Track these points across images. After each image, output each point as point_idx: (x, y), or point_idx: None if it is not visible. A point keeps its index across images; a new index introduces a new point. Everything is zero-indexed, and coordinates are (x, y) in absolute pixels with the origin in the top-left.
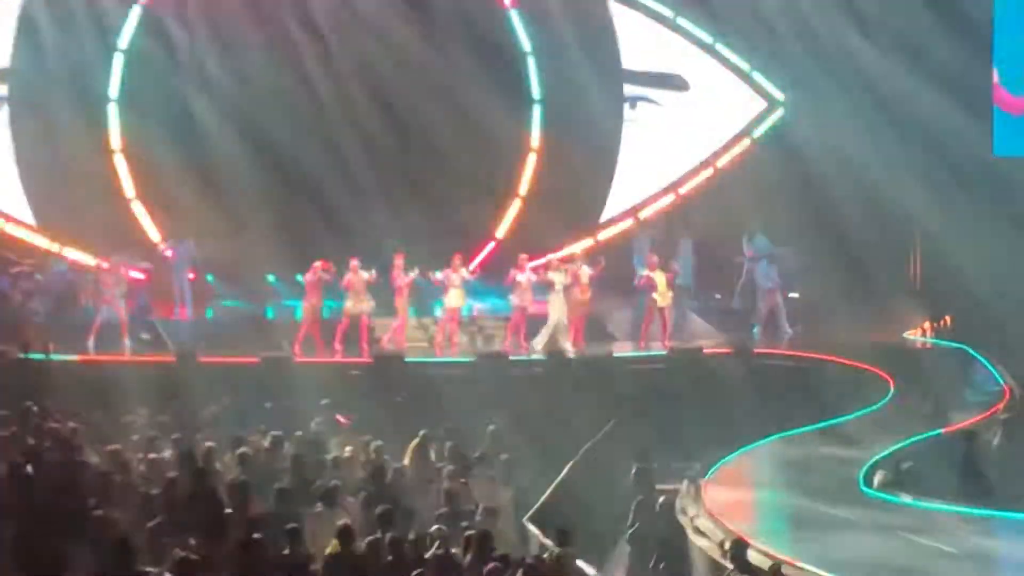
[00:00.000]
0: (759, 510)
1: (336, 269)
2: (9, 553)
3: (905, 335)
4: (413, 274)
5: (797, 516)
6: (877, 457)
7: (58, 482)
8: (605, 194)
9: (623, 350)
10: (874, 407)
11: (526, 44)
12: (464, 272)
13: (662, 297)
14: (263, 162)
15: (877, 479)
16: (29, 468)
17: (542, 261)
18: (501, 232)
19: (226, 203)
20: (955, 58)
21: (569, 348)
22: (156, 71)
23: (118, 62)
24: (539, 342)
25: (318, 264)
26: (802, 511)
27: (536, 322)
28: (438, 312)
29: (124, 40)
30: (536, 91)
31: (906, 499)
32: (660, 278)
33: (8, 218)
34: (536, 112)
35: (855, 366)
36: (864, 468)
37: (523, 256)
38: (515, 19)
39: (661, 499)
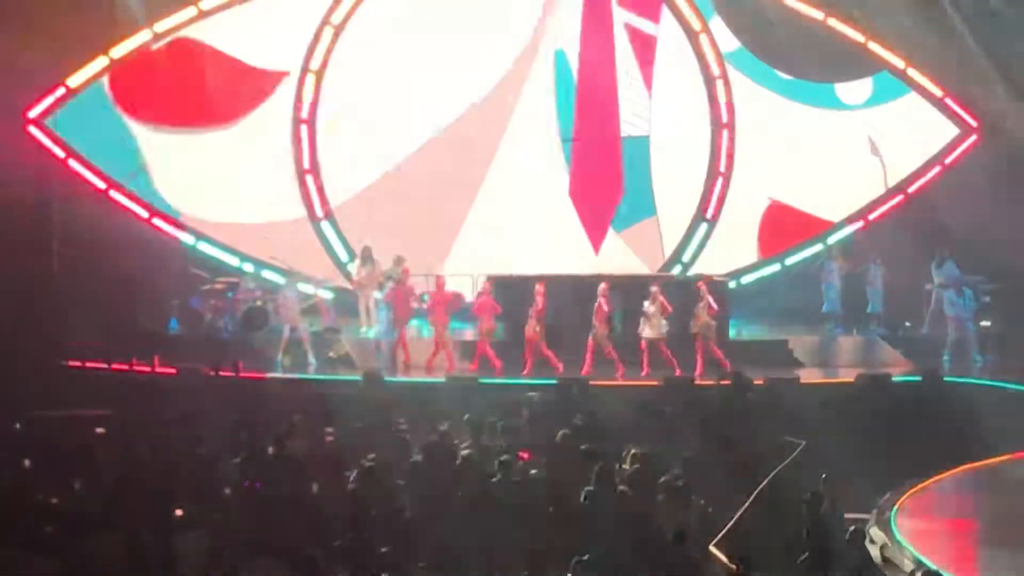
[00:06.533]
0: (950, 540)
1: None
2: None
3: None
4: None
5: (990, 547)
6: None
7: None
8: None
9: (810, 376)
10: None
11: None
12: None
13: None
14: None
15: None
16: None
17: None
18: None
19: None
20: None
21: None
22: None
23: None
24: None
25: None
26: (995, 542)
27: None
28: None
29: (317, 61)
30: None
31: None
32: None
33: (201, 236)
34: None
35: None
36: None
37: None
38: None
39: (851, 528)
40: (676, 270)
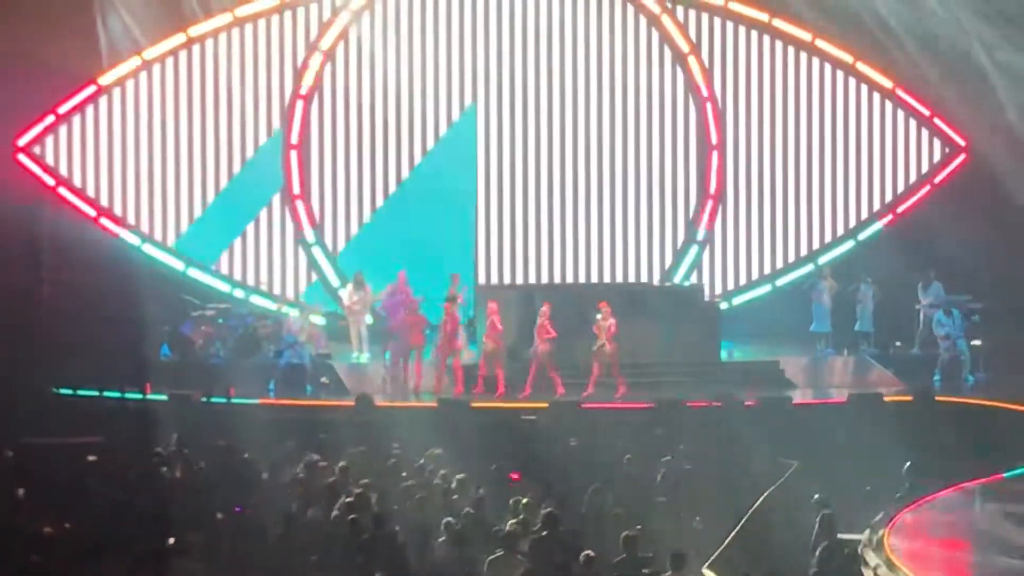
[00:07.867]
0: (943, 561)
1: None
2: None
3: None
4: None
5: (983, 568)
6: None
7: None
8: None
9: (802, 396)
10: None
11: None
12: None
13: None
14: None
15: None
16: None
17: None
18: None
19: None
20: None
21: None
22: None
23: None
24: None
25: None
26: (988, 563)
27: None
28: None
29: (305, 85)
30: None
31: None
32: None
33: (192, 263)
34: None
35: None
36: None
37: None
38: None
39: (844, 549)
40: None
